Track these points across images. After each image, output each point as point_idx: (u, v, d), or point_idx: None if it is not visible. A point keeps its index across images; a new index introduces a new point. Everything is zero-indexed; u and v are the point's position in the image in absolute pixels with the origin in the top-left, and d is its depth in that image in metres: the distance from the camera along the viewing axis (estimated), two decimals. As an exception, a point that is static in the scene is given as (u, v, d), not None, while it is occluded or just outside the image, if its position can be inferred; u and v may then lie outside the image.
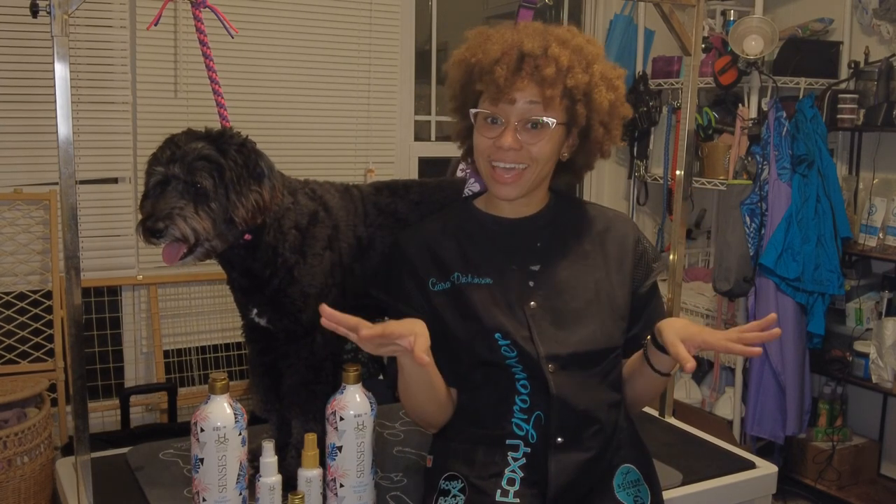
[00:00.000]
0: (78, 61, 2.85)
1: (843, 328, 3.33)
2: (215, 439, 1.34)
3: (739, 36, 3.13)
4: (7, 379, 2.63)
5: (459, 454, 1.39)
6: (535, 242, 1.43)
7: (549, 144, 1.36)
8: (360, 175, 3.41)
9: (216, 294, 3.15)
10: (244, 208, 1.39)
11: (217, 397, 1.36)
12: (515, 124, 1.34)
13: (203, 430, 1.34)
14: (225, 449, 1.35)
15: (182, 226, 1.35)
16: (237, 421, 1.36)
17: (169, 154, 1.38)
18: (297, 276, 1.50)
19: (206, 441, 1.34)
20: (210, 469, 1.35)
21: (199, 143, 1.39)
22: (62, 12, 1.38)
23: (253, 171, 1.42)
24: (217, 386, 1.36)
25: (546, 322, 1.36)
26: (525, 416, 1.34)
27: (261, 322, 1.56)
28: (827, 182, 3.15)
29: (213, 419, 1.34)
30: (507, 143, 1.33)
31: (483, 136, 1.37)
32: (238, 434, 1.36)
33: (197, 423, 1.34)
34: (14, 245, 2.84)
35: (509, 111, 1.34)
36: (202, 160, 1.37)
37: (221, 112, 1.74)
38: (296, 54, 3.23)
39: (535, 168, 1.36)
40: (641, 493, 1.38)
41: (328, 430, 1.42)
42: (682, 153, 2.05)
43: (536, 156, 1.35)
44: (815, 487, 3.29)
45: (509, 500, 1.32)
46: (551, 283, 1.39)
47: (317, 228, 1.53)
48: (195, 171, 1.37)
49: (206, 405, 1.35)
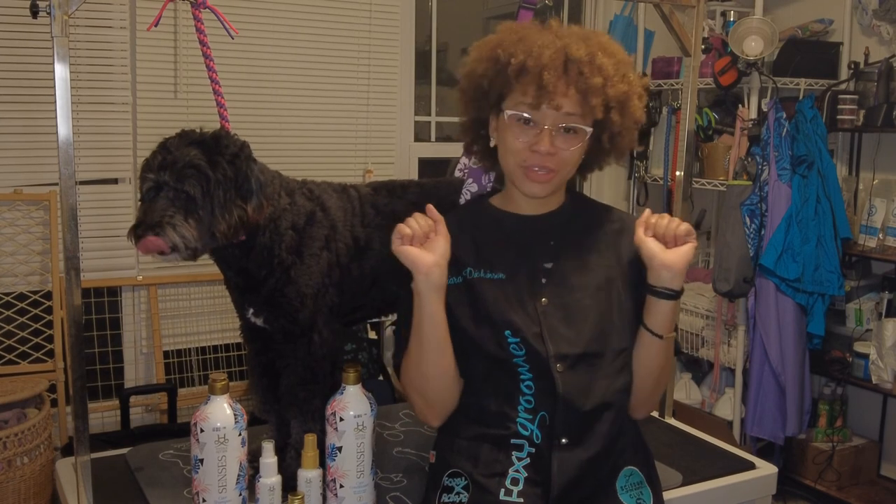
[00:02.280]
0: (78, 62, 2.85)
1: (843, 329, 3.33)
2: (215, 440, 1.34)
3: (739, 37, 3.13)
4: (7, 379, 2.63)
5: (464, 451, 1.40)
6: (549, 240, 1.43)
7: (581, 149, 1.38)
8: (359, 175, 3.41)
9: (216, 294, 3.15)
10: (226, 223, 1.39)
11: (217, 398, 1.36)
12: (552, 128, 1.34)
13: (203, 430, 1.34)
14: (225, 449, 1.35)
15: (171, 234, 1.36)
16: (237, 421, 1.36)
17: (160, 160, 1.38)
18: (293, 276, 1.50)
19: (206, 441, 1.34)
20: (210, 470, 1.35)
21: (191, 151, 1.39)
22: (62, 13, 1.38)
23: (241, 186, 1.42)
24: (217, 386, 1.36)
25: (557, 319, 1.36)
26: (530, 417, 1.34)
27: (257, 322, 1.56)
28: (827, 183, 3.15)
29: (213, 420, 1.34)
30: (546, 149, 1.34)
31: (516, 137, 1.36)
32: (238, 434, 1.36)
33: (197, 424, 1.35)
34: (14, 245, 2.84)
35: (548, 116, 1.34)
36: (192, 168, 1.38)
37: (221, 112, 1.74)
38: (295, 55, 3.23)
39: (565, 170, 1.38)
40: (644, 495, 1.39)
41: (328, 431, 1.42)
42: (682, 154, 2.05)
43: (568, 159, 1.37)
44: (814, 488, 3.29)
45: (513, 500, 1.32)
46: (564, 281, 1.40)
47: (314, 229, 1.53)
48: (184, 179, 1.37)
49: (205, 406, 1.35)
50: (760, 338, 3.19)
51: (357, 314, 1.67)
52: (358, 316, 1.69)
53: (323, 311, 1.54)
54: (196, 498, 1.38)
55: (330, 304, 1.55)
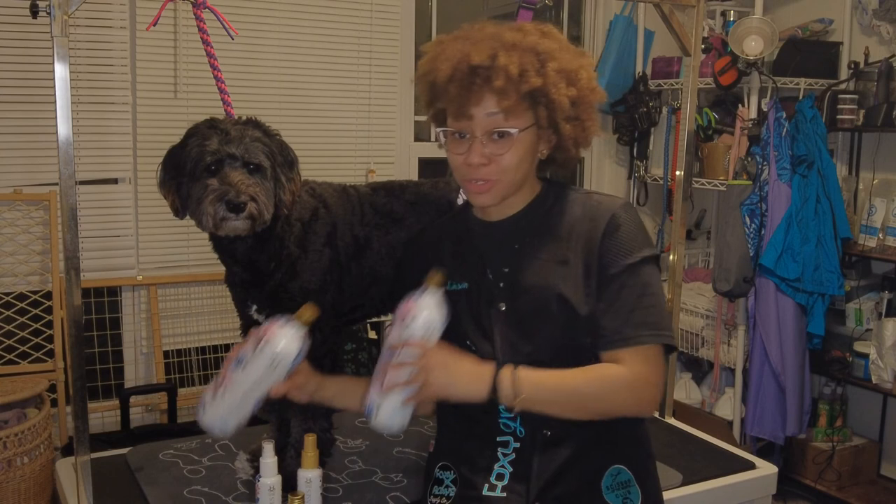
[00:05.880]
0: (78, 62, 2.85)
1: (843, 329, 3.33)
2: (269, 362, 1.32)
3: (739, 36, 3.13)
4: (7, 379, 2.63)
5: (453, 445, 1.41)
6: (514, 244, 1.40)
7: (518, 151, 1.33)
8: (361, 176, 3.41)
9: (216, 294, 3.15)
10: (290, 193, 1.45)
11: (297, 325, 1.34)
12: (481, 137, 1.32)
13: (268, 343, 1.32)
14: (271, 375, 1.33)
15: (259, 203, 1.39)
16: (295, 358, 1.34)
17: (222, 135, 1.40)
18: (298, 269, 1.51)
19: (260, 356, 1.32)
20: (248, 377, 1.33)
21: (247, 128, 1.43)
22: (62, 13, 1.38)
23: (287, 157, 1.48)
24: (304, 316, 1.34)
25: (510, 325, 1.35)
26: (511, 415, 1.34)
27: (259, 319, 1.56)
28: (827, 182, 3.15)
29: (279, 343, 1.32)
30: (475, 161, 1.32)
31: (453, 152, 1.36)
32: (287, 369, 1.34)
33: (265, 337, 1.32)
34: (14, 245, 2.84)
35: (471, 125, 1.32)
36: (257, 141, 1.42)
37: (228, 111, 1.74)
38: (296, 55, 3.23)
39: (507, 176, 1.34)
40: (632, 494, 1.36)
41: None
42: (682, 154, 2.05)
43: (506, 165, 1.33)
44: (814, 488, 3.29)
45: (496, 495, 1.32)
46: (518, 285, 1.36)
47: (318, 224, 1.54)
48: (253, 152, 1.41)
49: (280, 325, 1.33)
50: (760, 338, 3.19)
51: (357, 313, 1.68)
52: (358, 315, 1.69)
53: (324, 308, 1.54)
54: (217, 382, 1.35)
55: (331, 301, 1.56)
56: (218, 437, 1.33)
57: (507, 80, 1.28)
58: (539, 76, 1.30)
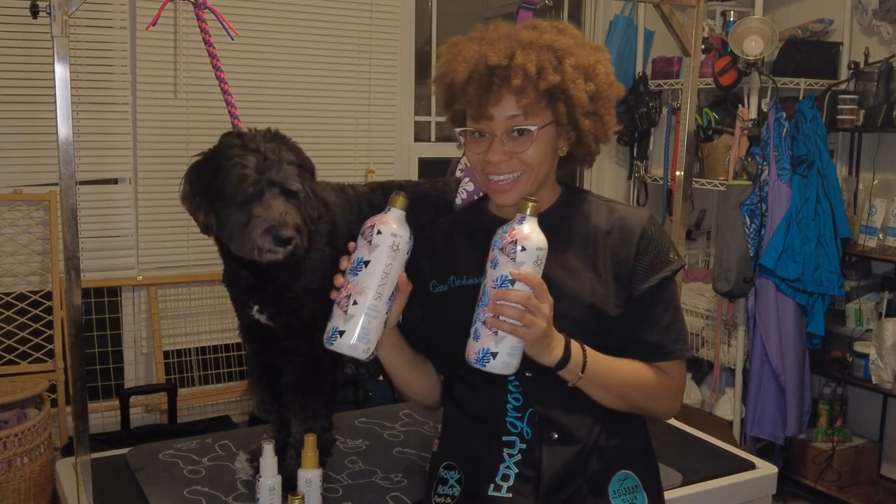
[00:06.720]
0: (78, 62, 2.85)
1: (843, 329, 3.33)
2: (390, 245, 1.28)
3: (739, 36, 3.13)
4: (7, 379, 2.63)
5: (458, 445, 1.41)
6: None
7: (539, 148, 1.34)
8: (361, 176, 3.41)
9: (216, 295, 3.15)
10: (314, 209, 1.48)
11: (397, 210, 1.31)
12: (500, 136, 1.33)
13: (380, 232, 1.28)
14: (395, 258, 1.29)
15: (302, 235, 1.42)
16: (410, 238, 1.31)
17: (259, 158, 1.41)
18: (302, 269, 1.51)
19: (380, 244, 1.28)
20: (373, 273, 1.28)
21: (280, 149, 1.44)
22: (62, 13, 1.38)
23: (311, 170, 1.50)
24: (398, 200, 1.31)
25: None
26: (518, 415, 1.34)
27: (261, 319, 1.56)
28: (827, 183, 3.15)
29: (392, 227, 1.29)
30: (495, 158, 1.32)
31: (473, 151, 1.37)
32: (406, 250, 1.31)
33: (375, 226, 1.29)
34: (14, 246, 2.84)
35: (491, 125, 1.33)
36: (291, 165, 1.43)
37: (232, 111, 1.73)
38: (296, 55, 3.23)
39: (530, 173, 1.34)
40: (638, 499, 1.37)
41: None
42: (682, 154, 2.05)
43: (529, 161, 1.33)
44: (814, 488, 3.29)
45: (501, 495, 1.32)
46: None
47: (319, 224, 1.54)
48: (291, 178, 1.43)
49: (385, 214, 1.31)
50: (760, 338, 3.19)
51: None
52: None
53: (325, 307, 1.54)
54: (345, 301, 1.29)
55: (329, 302, 1.56)
56: (362, 359, 1.29)
57: (525, 78, 1.29)
58: (557, 73, 1.31)
